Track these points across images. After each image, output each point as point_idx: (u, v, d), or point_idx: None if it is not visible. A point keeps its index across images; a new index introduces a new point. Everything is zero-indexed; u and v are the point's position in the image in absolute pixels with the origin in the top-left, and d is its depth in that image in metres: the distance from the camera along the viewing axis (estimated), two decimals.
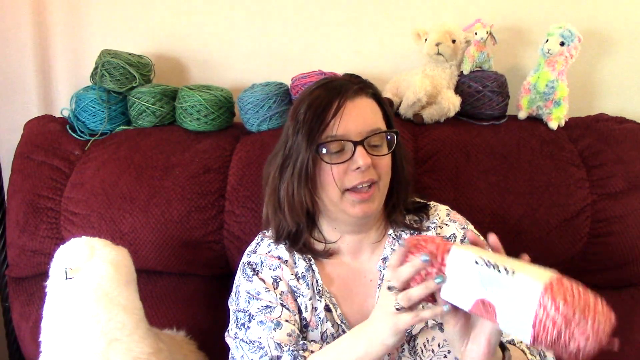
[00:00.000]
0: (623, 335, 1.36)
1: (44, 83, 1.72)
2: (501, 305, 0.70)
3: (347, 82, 1.01)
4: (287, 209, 1.02)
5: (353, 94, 0.98)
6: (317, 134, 0.96)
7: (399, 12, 1.56)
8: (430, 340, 0.97)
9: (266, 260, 1.04)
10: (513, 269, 0.70)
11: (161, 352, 1.11)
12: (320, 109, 0.97)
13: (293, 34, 1.61)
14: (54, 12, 1.66)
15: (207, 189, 1.36)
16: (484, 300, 0.72)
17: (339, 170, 0.96)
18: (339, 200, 0.97)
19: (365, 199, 0.96)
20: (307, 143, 0.97)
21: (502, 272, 0.70)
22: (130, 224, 1.35)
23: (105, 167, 1.40)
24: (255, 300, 1.00)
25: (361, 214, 0.97)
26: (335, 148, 0.96)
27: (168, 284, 1.41)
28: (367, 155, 0.95)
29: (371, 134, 0.96)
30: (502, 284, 0.70)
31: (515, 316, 0.69)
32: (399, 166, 1.04)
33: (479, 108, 1.41)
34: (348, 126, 0.96)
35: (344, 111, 0.96)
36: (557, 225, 1.29)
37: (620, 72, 1.54)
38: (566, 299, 0.65)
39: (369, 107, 1.00)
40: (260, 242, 1.09)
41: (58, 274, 1.09)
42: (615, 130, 1.39)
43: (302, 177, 0.98)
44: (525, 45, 1.53)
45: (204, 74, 1.66)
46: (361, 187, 0.96)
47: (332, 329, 0.99)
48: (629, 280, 1.36)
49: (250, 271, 1.04)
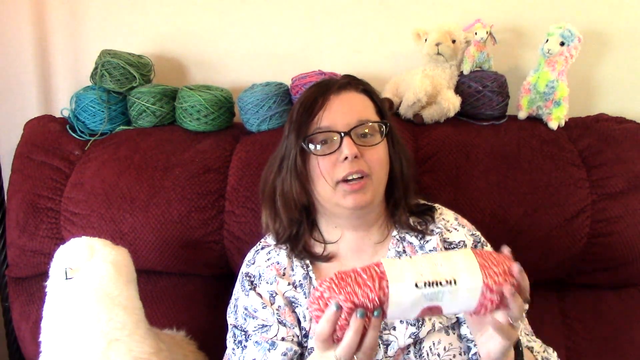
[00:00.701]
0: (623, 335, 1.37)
1: (44, 83, 1.72)
2: (447, 305, 0.76)
3: (337, 80, 1.04)
4: (281, 206, 1.03)
5: (339, 88, 1.01)
6: (304, 128, 0.98)
7: (399, 12, 1.56)
8: (437, 343, 0.97)
9: (264, 273, 1.04)
10: (453, 278, 0.75)
11: (161, 352, 1.11)
12: (308, 105, 1.00)
13: (293, 34, 1.61)
14: (54, 12, 1.66)
15: (207, 189, 1.36)
16: (430, 306, 0.75)
17: (326, 162, 0.97)
18: (332, 192, 0.97)
19: (356, 190, 0.96)
20: (296, 138, 0.99)
21: (445, 285, 0.75)
22: (130, 224, 1.35)
23: (105, 167, 1.40)
24: (251, 318, 1.01)
25: (353, 204, 0.97)
26: (321, 139, 0.97)
27: (168, 284, 1.41)
28: (353, 145, 0.95)
29: (359, 124, 0.97)
30: (445, 294, 0.75)
31: (459, 307, 0.77)
32: (396, 162, 1.04)
33: (479, 108, 1.41)
34: (334, 118, 0.98)
35: (329, 104, 0.99)
36: (557, 225, 1.29)
37: (620, 72, 1.54)
38: (496, 281, 0.75)
39: (357, 100, 1.01)
40: (259, 250, 1.09)
41: (58, 274, 1.09)
42: (615, 130, 1.39)
43: (293, 172, 0.99)
44: (525, 45, 1.53)
45: (204, 74, 1.66)
46: (352, 179, 0.96)
47: None
48: (629, 280, 1.36)
49: (248, 284, 1.04)
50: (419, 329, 0.96)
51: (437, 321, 0.97)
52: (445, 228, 1.05)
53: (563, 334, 1.34)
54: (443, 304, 0.75)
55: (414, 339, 0.96)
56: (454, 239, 1.04)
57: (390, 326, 0.98)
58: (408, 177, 1.06)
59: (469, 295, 0.75)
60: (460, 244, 1.03)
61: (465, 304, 0.76)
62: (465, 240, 1.04)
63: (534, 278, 1.33)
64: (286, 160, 1.02)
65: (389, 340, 0.97)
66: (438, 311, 0.76)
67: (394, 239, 1.04)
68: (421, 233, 1.04)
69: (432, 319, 0.97)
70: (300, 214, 1.04)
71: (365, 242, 1.04)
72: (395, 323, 0.98)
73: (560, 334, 1.34)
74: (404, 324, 0.97)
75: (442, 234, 1.04)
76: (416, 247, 1.03)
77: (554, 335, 1.33)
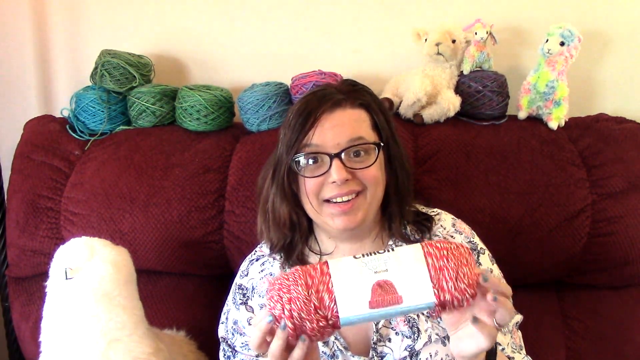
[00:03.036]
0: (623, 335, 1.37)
1: (44, 83, 1.72)
2: (396, 277, 0.73)
3: (334, 92, 0.98)
4: (271, 220, 1.01)
5: (333, 105, 0.96)
6: (294, 143, 0.95)
7: (399, 12, 1.56)
8: (434, 355, 0.95)
9: (257, 285, 1.03)
10: (391, 248, 0.76)
11: (161, 352, 1.11)
12: (302, 118, 0.95)
13: (293, 34, 1.61)
14: (54, 12, 1.66)
15: (207, 189, 1.36)
16: (379, 282, 0.73)
17: (312, 184, 0.94)
18: (319, 212, 0.95)
19: (345, 211, 0.93)
20: (286, 153, 0.96)
21: (385, 252, 0.75)
22: (130, 224, 1.35)
23: (105, 167, 1.40)
24: (239, 334, 1.02)
25: (342, 226, 0.94)
26: (312, 158, 0.94)
27: (168, 284, 1.41)
28: (343, 169, 0.92)
29: (349, 145, 0.93)
30: (388, 262, 0.74)
31: (411, 280, 0.73)
32: (391, 177, 1.00)
33: (479, 108, 1.41)
34: (325, 137, 0.94)
35: (320, 123, 0.94)
36: (557, 225, 1.29)
37: (620, 72, 1.54)
38: (439, 246, 0.75)
39: (351, 117, 0.96)
40: (253, 261, 1.08)
41: (58, 274, 1.09)
42: (615, 130, 1.39)
43: (281, 190, 0.97)
44: (525, 45, 1.53)
45: (204, 74, 1.66)
46: (339, 201, 0.93)
47: (324, 348, 0.97)
48: (629, 280, 1.36)
49: (240, 297, 1.04)
50: (415, 342, 0.95)
51: (434, 332, 0.95)
52: (444, 236, 1.03)
53: (563, 334, 1.34)
54: (392, 276, 0.73)
55: (410, 352, 0.95)
56: None
57: (385, 338, 0.96)
58: (404, 189, 1.02)
59: (416, 267, 0.73)
60: None
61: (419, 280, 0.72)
62: None
63: (534, 278, 1.35)
64: (277, 174, 0.99)
65: (384, 352, 0.96)
66: (392, 288, 0.73)
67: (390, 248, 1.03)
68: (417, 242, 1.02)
69: (427, 330, 0.95)
70: (291, 230, 1.02)
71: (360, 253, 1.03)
72: (390, 335, 0.96)
73: (560, 334, 1.33)
74: (400, 335, 0.96)
75: None
76: None
77: (554, 335, 1.33)
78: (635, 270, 1.33)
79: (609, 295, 1.36)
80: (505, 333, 0.99)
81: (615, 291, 1.36)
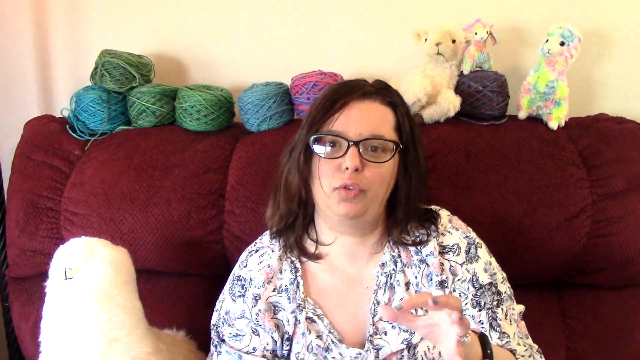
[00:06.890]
0: (623, 335, 1.36)
1: (44, 83, 1.72)
2: None
3: (367, 85, 1.01)
4: (282, 194, 1.02)
5: (364, 94, 0.98)
6: (317, 125, 0.96)
7: (399, 12, 1.56)
8: (432, 347, 0.96)
9: (255, 277, 1.04)
10: None
11: (161, 351, 1.11)
12: (329, 103, 0.97)
13: (293, 34, 1.61)
14: (54, 12, 1.66)
15: (207, 189, 1.36)
16: None
17: (327, 167, 0.95)
18: (329, 195, 0.96)
19: (350, 198, 0.94)
20: (307, 132, 0.97)
21: None
22: (130, 224, 1.35)
23: (105, 167, 1.40)
24: (228, 325, 1.04)
25: (344, 212, 0.95)
26: (330, 141, 0.96)
27: (168, 284, 1.41)
28: (357, 157, 0.92)
29: (371, 137, 0.94)
30: None
31: None
32: (404, 184, 1.00)
33: (479, 108, 1.41)
34: (348, 125, 0.95)
35: (348, 109, 0.96)
36: (557, 225, 1.29)
37: (620, 72, 1.54)
38: None
39: (378, 112, 0.98)
40: (252, 252, 1.09)
41: (58, 274, 1.09)
42: (615, 130, 1.39)
43: (296, 165, 0.99)
44: (525, 45, 1.53)
45: (204, 74, 1.66)
46: (349, 187, 0.94)
47: (317, 341, 0.98)
48: (629, 280, 1.36)
49: (238, 290, 1.05)
50: (412, 335, 0.95)
51: None
52: (441, 232, 1.04)
53: (563, 334, 1.34)
54: None
55: (407, 345, 0.95)
56: (448, 242, 1.03)
57: (382, 331, 0.97)
58: (415, 197, 1.02)
59: None
60: (454, 247, 1.03)
61: None
62: (460, 243, 1.03)
63: (534, 278, 1.35)
64: (294, 151, 1.01)
65: (380, 345, 0.97)
66: None
67: (390, 242, 1.03)
68: (417, 245, 1.03)
69: None
70: (298, 206, 1.02)
71: (360, 249, 1.03)
72: (386, 328, 0.97)
73: (560, 334, 1.34)
74: (396, 329, 0.96)
75: (438, 239, 1.03)
76: (411, 251, 1.03)
77: (554, 336, 1.33)
78: (635, 270, 1.33)
79: (609, 295, 1.36)
80: (512, 322, 1.00)
81: (615, 291, 1.36)
